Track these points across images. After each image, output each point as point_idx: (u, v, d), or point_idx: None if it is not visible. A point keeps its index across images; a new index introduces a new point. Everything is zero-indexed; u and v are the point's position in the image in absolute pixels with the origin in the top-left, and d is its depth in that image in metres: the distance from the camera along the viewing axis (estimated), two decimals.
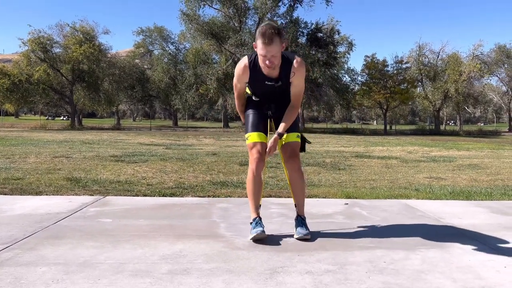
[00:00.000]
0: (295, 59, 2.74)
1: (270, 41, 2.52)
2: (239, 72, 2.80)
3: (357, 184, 5.61)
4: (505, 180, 6.37)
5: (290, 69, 2.73)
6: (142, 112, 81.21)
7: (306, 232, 2.75)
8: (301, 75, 2.77)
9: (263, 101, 2.93)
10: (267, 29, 2.54)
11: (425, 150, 13.43)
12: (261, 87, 2.82)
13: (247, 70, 2.76)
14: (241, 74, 2.80)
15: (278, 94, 2.86)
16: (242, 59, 2.82)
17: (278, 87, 2.78)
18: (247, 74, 2.77)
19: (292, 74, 2.74)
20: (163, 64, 45.28)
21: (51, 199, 3.96)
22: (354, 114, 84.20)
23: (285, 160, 2.89)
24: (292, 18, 34.33)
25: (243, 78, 2.82)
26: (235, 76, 2.86)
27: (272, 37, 2.52)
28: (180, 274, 2.12)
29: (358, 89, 43.47)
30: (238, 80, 2.85)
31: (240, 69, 2.79)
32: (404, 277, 2.15)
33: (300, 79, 2.79)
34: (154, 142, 15.49)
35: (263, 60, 2.61)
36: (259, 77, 2.75)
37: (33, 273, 2.09)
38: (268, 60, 2.59)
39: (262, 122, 2.89)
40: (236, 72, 2.82)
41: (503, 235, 2.95)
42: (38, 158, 7.93)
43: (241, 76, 2.81)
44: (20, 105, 38.24)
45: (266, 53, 2.56)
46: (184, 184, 5.23)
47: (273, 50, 2.55)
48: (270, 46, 2.53)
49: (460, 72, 40.17)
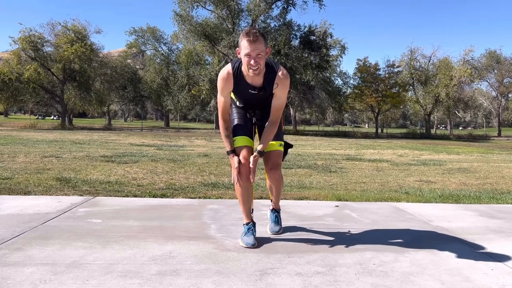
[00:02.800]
0: (281, 70, 2.67)
1: (256, 38, 2.47)
2: (222, 80, 2.66)
3: (348, 187, 5.64)
4: (494, 184, 6.44)
5: (274, 78, 2.65)
6: (133, 112, 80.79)
7: (278, 229, 2.98)
8: (284, 87, 2.69)
9: (247, 108, 2.86)
10: (250, 29, 2.53)
11: (415, 154, 13.54)
12: (246, 95, 2.74)
13: (231, 77, 2.64)
14: (226, 82, 2.65)
15: (261, 101, 2.79)
16: (224, 67, 2.70)
17: (262, 95, 2.71)
18: (231, 82, 2.65)
19: (276, 86, 2.66)
20: (155, 64, 45.09)
21: (40, 199, 3.92)
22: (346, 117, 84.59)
23: (267, 169, 2.88)
24: (285, 20, 34.40)
25: (227, 86, 2.67)
26: (219, 88, 2.70)
27: (257, 35, 2.49)
28: (169, 275, 2.11)
29: (350, 92, 43.67)
30: (222, 90, 2.69)
31: (223, 77, 2.65)
32: (393, 279, 2.16)
33: (283, 91, 2.71)
34: (145, 142, 15.42)
35: (248, 61, 2.50)
36: (243, 85, 2.66)
37: (21, 274, 2.07)
38: (253, 59, 2.49)
39: (248, 126, 2.84)
40: (220, 82, 2.67)
41: (491, 238, 2.99)
42: (27, 158, 7.85)
43: (226, 85, 2.66)
44: (10, 104, 37.78)
45: (251, 51, 2.47)
46: (175, 185, 5.21)
47: (258, 48, 2.48)
48: (255, 43, 2.47)
49: (451, 77, 40.57)
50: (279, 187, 2.98)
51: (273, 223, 3.02)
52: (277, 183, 2.93)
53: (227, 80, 2.66)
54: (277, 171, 2.87)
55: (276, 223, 3.02)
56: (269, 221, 3.05)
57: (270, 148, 2.81)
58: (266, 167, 2.88)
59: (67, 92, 36.65)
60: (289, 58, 31.14)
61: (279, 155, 2.86)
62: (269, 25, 34.54)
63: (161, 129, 41.54)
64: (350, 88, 44.27)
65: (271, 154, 2.83)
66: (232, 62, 2.71)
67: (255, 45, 2.48)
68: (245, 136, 2.79)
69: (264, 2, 32.76)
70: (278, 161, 2.86)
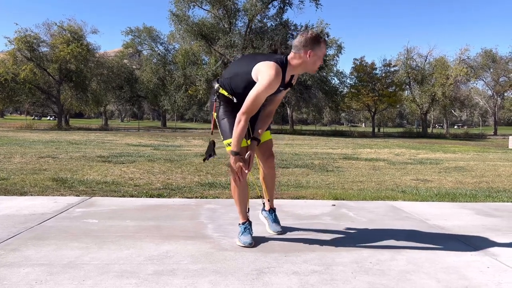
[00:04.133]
0: None
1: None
2: (275, 79, 2.49)
3: (344, 186, 5.65)
4: (490, 182, 6.47)
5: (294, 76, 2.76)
6: (130, 112, 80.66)
7: (281, 228, 2.99)
8: (295, 80, 2.82)
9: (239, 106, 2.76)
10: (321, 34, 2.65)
11: (412, 153, 13.58)
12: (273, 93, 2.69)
13: (281, 77, 2.55)
14: (277, 83, 2.52)
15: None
16: (273, 67, 2.50)
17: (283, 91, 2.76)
18: (280, 82, 2.55)
19: (294, 80, 2.80)
20: (152, 64, 44.99)
21: (36, 199, 3.91)
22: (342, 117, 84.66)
23: (263, 159, 2.93)
24: (282, 20, 34.45)
25: (275, 87, 2.55)
26: (264, 88, 2.49)
27: None
28: (166, 275, 2.11)
29: (347, 91, 43.72)
30: (269, 89, 2.52)
31: (277, 74, 2.50)
32: (390, 277, 2.17)
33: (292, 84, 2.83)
34: (142, 143, 15.39)
35: (319, 63, 2.60)
36: (281, 84, 2.62)
37: (17, 274, 2.06)
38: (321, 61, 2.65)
39: None
40: (271, 80, 2.48)
41: (487, 236, 3.00)
42: (24, 158, 7.82)
43: (276, 85, 2.53)
44: (6, 104, 37.54)
45: (324, 54, 2.63)
46: (172, 185, 5.21)
47: None
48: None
49: (447, 76, 40.70)
50: (274, 177, 3.05)
51: (275, 223, 3.00)
52: (273, 172, 3.00)
53: (278, 80, 2.53)
54: (273, 159, 2.98)
55: (278, 223, 3.02)
56: (268, 222, 3.03)
57: (264, 138, 2.90)
58: (263, 157, 2.93)
59: (64, 92, 36.51)
60: None
61: (271, 143, 2.99)
62: (266, 24, 34.60)
63: (158, 129, 41.48)
64: (346, 87, 44.33)
65: (267, 143, 2.93)
66: (273, 59, 2.56)
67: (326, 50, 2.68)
68: None
69: (260, 1, 32.75)
70: (272, 149, 2.98)
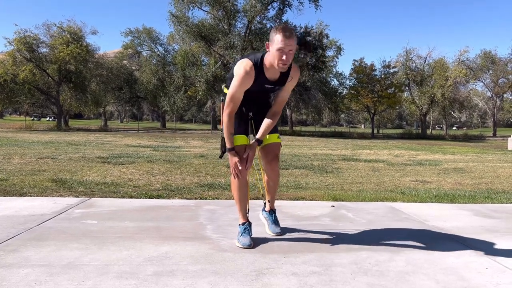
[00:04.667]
0: (293, 64, 2.70)
1: (291, 34, 2.47)
2: (244, 77, 2.57)
3: (344, 187, 5.65)
4: (489, 183, 6.47)
5: (289, 72, 2.69)
6: (129, 113, 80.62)
7: (280, 229, 2.98)
8: (296, 80, 2.76)
9: (244, 103, 2.80)
10: (285, 25, 2.54)
11: (411, 154, 13.59)
12: (258, 89, 2.70)
13: (253, 72, 2.58)
14: (249, 77, 2.58)
15: (263, 98, 2.83)
16: (243, 63, 2.60)
17: (276, 89, 2.74)
18: (253, 77, 2.59)
19: (290, 79, 2.71)
20: (151, 65, 44.98)
21: (35, 200, 3.91)
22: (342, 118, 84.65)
23: (266, 162, 2.89)
24: (282, 21, 34.46)
25: (248, 82, 2.60)
26: (236, 84, 2.59)
27: (292, 32, 2.49)
28: (165, 275, 2.12)
29: (346, 93, 43.79)
30: (241, 86, 2.60)
31: (246, 72, 2.56)
32: (389, 278, 2.17)
33: (294, 84, 2.77)
34: (142, 143, 15.39)
35: (280, 56, 2.47)
36: (261, 80, 2.64)
37: (16, 275, 2.06)
38: (285, 54, 2.47)
39: (244, 124, 2.83)
40: (241, 78, 2.57)
41: (485, 238, 3.01)
42: (23, 159, 7.81)
43: (248, 80, 2.59)
44: (5, 105, 37.51)
45: (285, 46, 2.45)
46: (171, 186, 5.21)
47: (291, 45, 2.47)
48: (289, 39, 2.46)
49: (446, 77, 40.77)
50: (277, 181, 3.01)
51: (274, 224, 3.00)
52: (277, 176, 2.96)
53: (250, 75, 2.58)
54: (278, 163, 2.92)
55: (277, 224, 3.02)
56: (267, 222, 3.04)
57: (270, 140, 2.86)
58: (266, 159, 2.89)
59: (63, 93, 36.49)
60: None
61: (278, 146, 2.92)
62: (265, 26, 34.59)
63: (158, 130, 41.48)
64: (346, 88, 44.41)
65: (272, 146, 2.88)
66: (249, 57, 2.64)
67: (289, 41, 2.46)
68: (242, 135, 2.80)
69: (260, 3, 32.77)
70: (277, 152, 2.91)
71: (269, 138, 2.85)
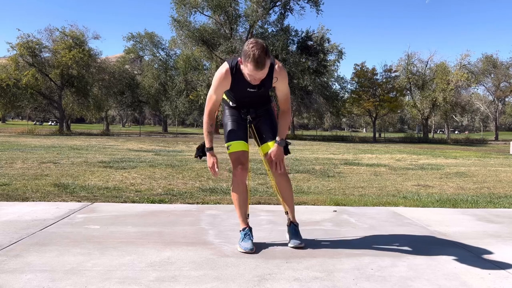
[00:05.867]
0: (276, 63, 2.66)
1: (263, 66, 2.42)
2: (220, 79, 2.63)
3: (346, 192, 5.65)
4: (491, 188, 6.46)
5: (272, 74, 2.64)
6: (131, 118, 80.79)
7: (300, 242, 2.76)
8: (283, 79, 2.70)
9: (241, 107, 2.82)
10: (260, 54, 2.38)
11: (413, 158, 13.57)
12: (242, 93, 2.70)
13: (229, 76, 2.61)
14: (223, 81, 2.63)
15: (256, 99, 2.79)
16: (222, 65, 2.67)
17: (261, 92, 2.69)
18: (229, 80, 2.63)
19: (275, 80, 2.66)
20: (153, 70, 45.15)
21: (37, 205, 3.92)
22: (343, 122, 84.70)
23: (271, 167, 2.85)
24: (283, 26, 34.58)
25: (224, 85, 2.65)
26: (213, 85, 2.68)
27: (265, 61, 2.42)
28: (168, 281, 2.12)
29: (348, 97, 43.81)
30: (217, 88, 2.67)
31: (221, 75, 2.62)
32: (391, 284, 2.17)
33: (284, 83, 2.72)
34: (143, 148, 15.41)
35: (250, 78, 2.51)
36: (241, 84, 2.63)
37: (18, 280, 2.07)
38: (256, 80, 2.51)
39: (242, 129, 2.81)
40: (217, 80, 2.65)
41: (488, 243, 3.00)
42: (25, 164, 7.83)
43: (222, 83, 2.64)
44: (8, 110, 37.66)
45: (255, 75, 2.46)
46: (173, 190, 5.22)
47: (263, 74, 2.48)
48: (261, 70, 2.44)
49: (448, 81, 40.77)
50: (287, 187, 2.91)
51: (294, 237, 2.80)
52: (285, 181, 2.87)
53: (224, 79, 2.63)
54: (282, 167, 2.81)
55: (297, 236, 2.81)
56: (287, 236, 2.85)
57: (269, 148, 2.79)
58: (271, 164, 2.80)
59: (65, 97, 36.62)
60: (286, 63, 31.26)
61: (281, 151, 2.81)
62: (267, 30, 34.75)
63: (159, 134, 41.52)
64: (347, 93, 44.44)
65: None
66: (228, 60, 2.67)
67: (261, 72, 2.45)
68: (241, 140, 2.78)
69: (261, 7, 32.91)
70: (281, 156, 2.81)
71: (270, 145, 2.80)
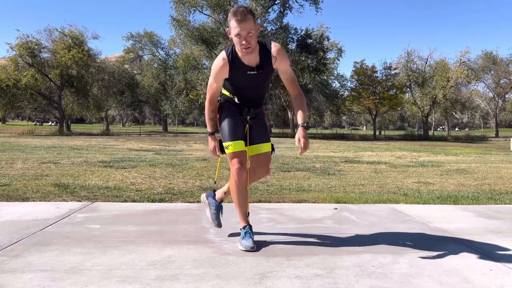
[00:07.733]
0: (272, 43, 2.66)
1: (244, 16, 2.41)
2: (218, 67, 2.63)
3: (346, 189, 5.64)
4: (492, 184, 6.46)
5: (270, 54, 2.63)
6: (131, 117, 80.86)
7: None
8: (283, 57, 2.68)
9: (243, 103, 2.79)
10: (238, 8, 2.45)
11: (413, 155, 13.56)
12: (243, 78, 2.67)
13: (226, 63, 2.60)
14: (221, 69, 2.63)
15: (257, 90, 2.78)
16: (219, 55, 2.67)
17: (261, 74, 2.66)
18: (227, 68, 2.62)
19: (274, 59, 2.65)
20: (153, 69, 45.14)
21: (38, 205, 3.92)
22: (343, 120, 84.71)
23: (255, 171, 2.86)
24: (282, 24, 34.53)
25: (222, 73, 2.65)
26: (212, 74, 2.70)
27: (245, 13, 2.43)
28: (168, 279, 2.11)
29: (348, 94, 43.77)
30: (216, 77, 2.69)
31: (219, 64, 2.62)
32: (392, 280, 2.16)
33: (285, 63, 2.70)
34: (144, 147, 15.41)
35: (240, 41, 2.47)
36: (240, 68, 2.62)
37: (19, 280, 2.06)
38: (244, 39, 2.46)
39: (240, 129, 2.80)
40: (215, 68, 2.66)
41: (489, 239, 2.99)
42: (25, 164, 7.83)
43: (220, 71, 2.64)
44: (7, 110, 37.69)
45: (240, 30, 2.43)
46: (174, 189, 5.21)
47: (248, 27, 2.44)
48: (244, 22, 2.42)
49: (447, 78, 40.74)
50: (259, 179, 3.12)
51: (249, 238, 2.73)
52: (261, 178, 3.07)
53: (222, 66, 2.63)
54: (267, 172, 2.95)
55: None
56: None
57: (260, 150, 2.83)
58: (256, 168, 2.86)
59: (65, 98, 36.62)
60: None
61: (269, 156, 2.90)
62: (266, 28, 34.66)
63: (159, 133, 41.52)
64: (347, 90, 44.41)
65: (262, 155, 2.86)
66: (225, 49, 2.68)
67: (244, 24, 2.44)
68: (239, 140, 2.77)
69: (260, 6, 32.89)
70: (269, 162, 2.90)
71: (260, 148, 2.83)
